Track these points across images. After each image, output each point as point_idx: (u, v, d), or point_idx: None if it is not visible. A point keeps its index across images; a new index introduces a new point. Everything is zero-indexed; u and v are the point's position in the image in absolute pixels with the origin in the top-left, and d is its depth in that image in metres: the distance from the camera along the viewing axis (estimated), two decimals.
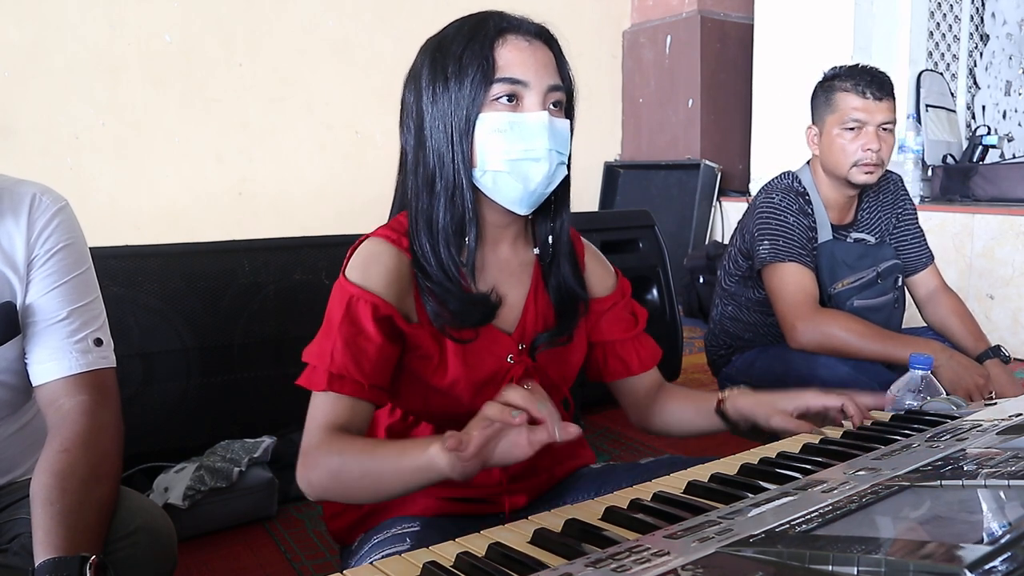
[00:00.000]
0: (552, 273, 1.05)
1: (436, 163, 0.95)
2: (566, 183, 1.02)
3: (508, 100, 0.92)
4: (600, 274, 1.14)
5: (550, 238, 1.04)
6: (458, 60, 0.93)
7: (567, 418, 1.12)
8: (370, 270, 0.95)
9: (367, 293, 0.93)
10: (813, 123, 1.93)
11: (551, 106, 0.95)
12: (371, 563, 0.66)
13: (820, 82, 1.91)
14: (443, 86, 0.94)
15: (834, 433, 0.99)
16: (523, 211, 0.98)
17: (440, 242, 0.96)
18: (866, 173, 1.83)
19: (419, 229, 0.97)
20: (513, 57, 0.93)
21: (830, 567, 0.51)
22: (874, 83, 1.80)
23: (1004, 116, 4.17)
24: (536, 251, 1.06)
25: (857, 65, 1.85)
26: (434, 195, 0.96)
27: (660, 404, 1.16)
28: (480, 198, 0.97)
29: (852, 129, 1.82)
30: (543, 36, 0.97)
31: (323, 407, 0.91)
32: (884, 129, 1.82)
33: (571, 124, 0.99)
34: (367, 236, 1.00)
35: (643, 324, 1.16)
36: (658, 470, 1.01)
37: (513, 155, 0.93)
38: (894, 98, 1.85)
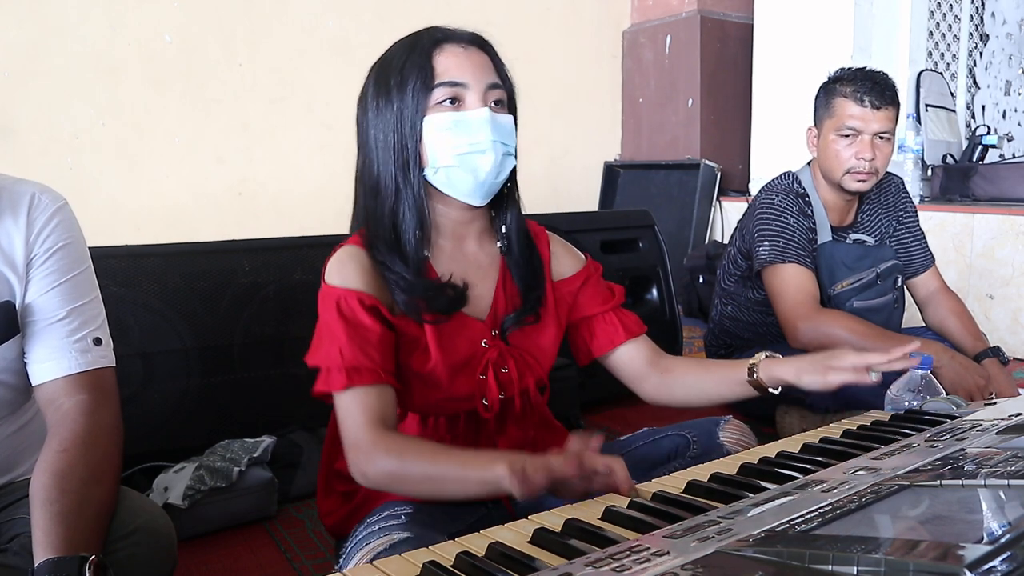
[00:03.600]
0: (512, 261, 1.11)
1: (380, 169, 1.02)
2: (514, 176, 1.09)
3: (451, 102, 0.99)
4: (566, 256, 1.20)
5: (503, 228, 1.11)
6: (399, 72, 1.00)
7: (541, 402, 1.15)
8: (346, 269, 1.01)
9: (349, 290, 0.99)
10: (812, 124, 1.92)
11: (492, 103, 1.01)
12: (371, 563, 0.66)
13: (823, 83, 1.90)
14: (385, 98, 1.01)
15: (834, 433, 0.99)
16: (478, 202, 1.04)
17: (393, 242, 1.02)
18: (858, 181, 1.83)
19: (374, 235, 1.03)
20: (450, 62, 1.00)
21: (830, 567, 0.51)
22: (875, 91, 1.78)
23: (1004, 116, 4.17)
24: (499, 245, 1.12)
25: (863, 69, 1.83)
26: (379, 200, 1.03)
27: (673, 375, 1.17)
28: (437, 196, 1.04)
29: (847, 136, 1.81)
30: (477, 42, 1.04)
31: (353, 404, 0.95)
32: (881, 138, 1.81)
33: (515, 120, 1.06)
34: (336, 248, 1.06)
35: (620, 298, 1.20)
36: (636, 442, 1.13)
37: (460, 149, 0.99)
38: (897, 106, 1.82)
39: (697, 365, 1.19)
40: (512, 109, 1.06)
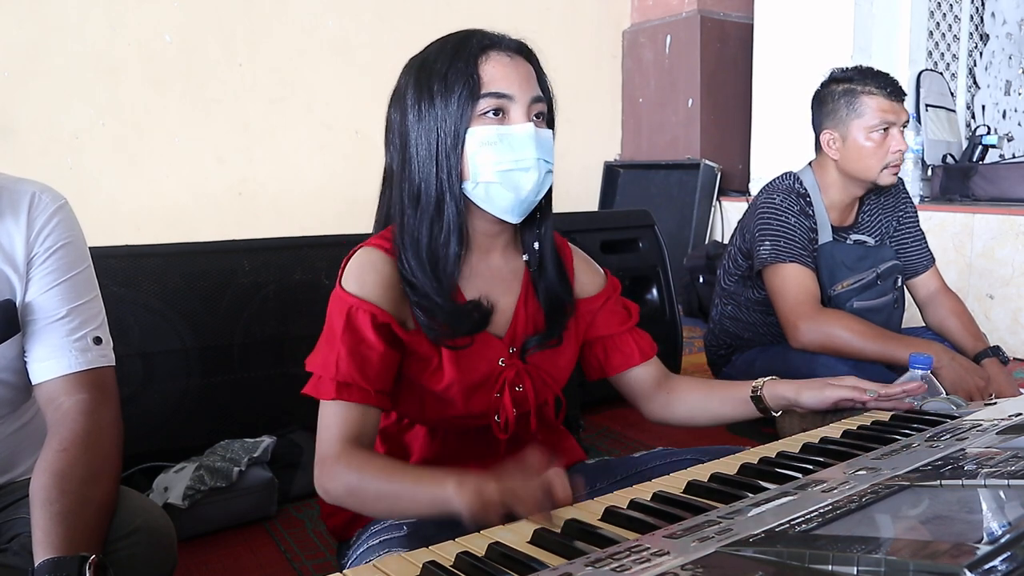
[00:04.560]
0: (540, 278, 1.08)
1: (422, 179, 0.97)
2: (549, 191, 1.05)
3: (495, 114, 0.95)
4: (589, 274, 1.18)
5: (536, 244, 1.07)
6: (443, 77, 0.95)
7: (555, 417, 1.13)
8: (365, 279, 0.97)
9: (364, 303, 0.95)
10: (827, 128, 1.89)
11: (535, 117, 0.98)
12: (371, 563, 0.66)
13: (831, 85, 1.88)
14: (428, 104, 0.96)
15: (834, 433, 0.99)
16: (514, 219, 1.01)
17: (426, 257, 0.98)
18: (894, 174, 1.86)
19: (405, 245, 0.99)
20: (497, 72, 0.95)
21: (830, 567, 0.51)
22: (893, 84, 1.83)
23: (1004, 116, 4.17)
24: (525, 258, 1.08)
25: (868, 68, 1.85)
26: (419, 210, 0.98)
27: (677, 395, 1.17)
28: (470, 209, 1.00)
29: (882, 132, 1.82)
30: (523, 51, 1.00)
31: (334, 416, 0.94)
32: (903, 129, 1.84)
33: (553, 133, 1.03)
34: (359, 246, 1.02)
35: (636, 318, 1.18)
36: (650, 462, 1.07)
37: (504, 166, 0.95)
38: None
39: (700, 384, 1.19)
40: (551, 122, 1.03)
